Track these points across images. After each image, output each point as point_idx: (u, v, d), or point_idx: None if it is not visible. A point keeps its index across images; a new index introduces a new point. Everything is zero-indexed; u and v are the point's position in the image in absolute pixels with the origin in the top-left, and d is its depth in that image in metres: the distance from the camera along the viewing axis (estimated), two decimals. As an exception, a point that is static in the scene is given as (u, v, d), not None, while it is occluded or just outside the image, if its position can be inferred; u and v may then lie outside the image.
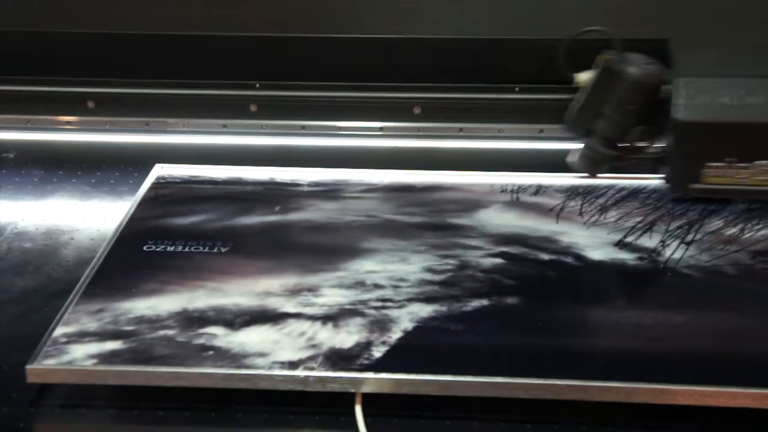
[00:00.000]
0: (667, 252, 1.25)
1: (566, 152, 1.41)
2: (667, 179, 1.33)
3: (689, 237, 1.27)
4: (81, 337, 1.12)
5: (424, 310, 1.15)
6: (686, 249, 1.25)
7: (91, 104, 1.49)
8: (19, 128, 1.53)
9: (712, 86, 1.28)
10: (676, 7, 1.52)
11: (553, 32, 1.40)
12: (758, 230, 1.28)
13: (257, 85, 1.47)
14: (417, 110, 1.46)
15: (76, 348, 1.10)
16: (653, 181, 1.38)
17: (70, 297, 1.18)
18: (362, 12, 1.60)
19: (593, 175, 1.38)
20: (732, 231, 1.28)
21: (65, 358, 1.09)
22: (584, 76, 1.35)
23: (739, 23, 1.48)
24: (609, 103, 1.33)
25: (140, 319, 1.14)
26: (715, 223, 1.29)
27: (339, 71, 1.48)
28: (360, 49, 1.44)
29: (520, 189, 1.38)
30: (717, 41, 1.39)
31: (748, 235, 1.27)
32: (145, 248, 1.27)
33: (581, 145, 1.37)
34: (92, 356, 1.09)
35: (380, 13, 1.60)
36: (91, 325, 1.13)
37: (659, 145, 1.33)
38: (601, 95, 1.34)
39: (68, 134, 1.52)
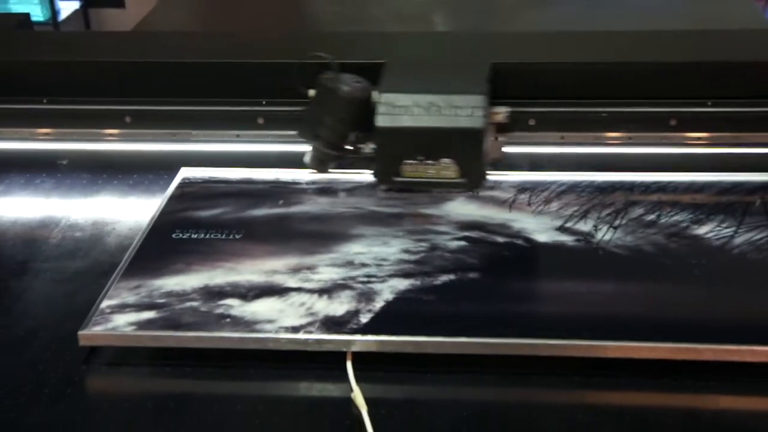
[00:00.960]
0: (599, 234, 1.24)
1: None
2: (375, 174, 1.35)
3: (616, 222, 1.26)
4: (122, 308, 1.12)
5: (402, 284, 1.15)
6: (614, 232, 1.25)
7: (128, 119, 1.48)
8: (71, 139, 1.51)
9: (406, 99, 1.30)
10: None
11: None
12: (671, 216, 1.27)
13: (264, 102, 1.47)
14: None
15: (119, 317, 1.10)
16: (588, 177, 1.37)
17: (113, 276, 1.18)
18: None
19: (323, 171, 1.39)
20: (651, 217, 1.27)
21: (110, 325, 1.09)
22: (312, 92, 1.37)
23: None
24: (327, 113, 1.35)
25: (170, 294, 1.14)
26: (637, 211, 1.29)
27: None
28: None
29: None
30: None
31: (663, 221, 1.26)
32: (173, 236, 1.26)
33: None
34: (131, 324, 1.09)
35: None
36: (131, 298, 1.13)
37: (372, 146, 1.34)
38: (321, 107, 1.35)
39: (110, 144, 1.51)
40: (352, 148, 1.37)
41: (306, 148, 1.39)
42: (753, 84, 1.41)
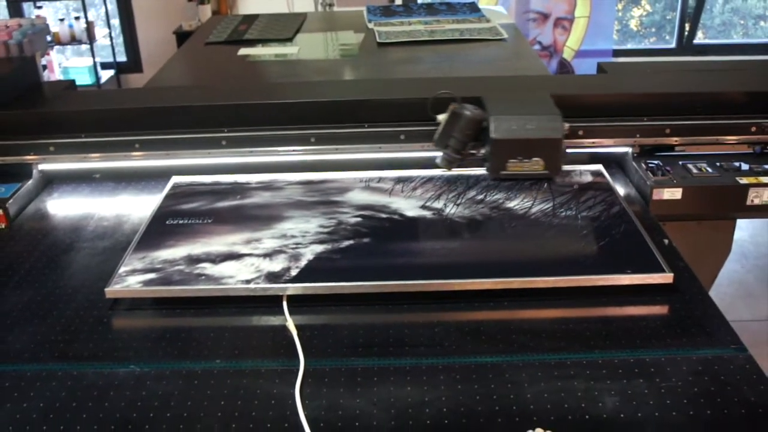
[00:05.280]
0: (447, 209, 1.26)
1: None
2: (487, 169, 1.34)
3: (459, 201, 1.29)
4: (133, 272, 1.12)
5: (319, 248, 1.16)
6: (457, 207, 1.26)
7: (137, 145, 1.44)
8: (100, 160, 1.47)
9: (513, 119, 1.29)
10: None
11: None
12: (493, 196, 1.30)
13: (225, 130, 1.41)
14: (313, 139, 1.42)
15: (131, 278, 1.11)
16: (438, 172, 1.37)
17: (127, 251, 1.18)
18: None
19: (450, 170, 1.36)
20: (480, 197, 1.29)
21: (125, 284, 1.10)
22: (441, 117, 1.34)
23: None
24: (455, 130, 1.32)
25: (165, 261, 1.15)
26: (472, 193, 1.30)
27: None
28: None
29: (369, 180, 1.37)
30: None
31: (488, 199, 1.29)
32: (167, 222, 1.26)
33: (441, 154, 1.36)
34: (140, 282, 1.10)
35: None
36: (139, 265, 1.14)
37: (484, 151, 1.33)
38: (451, 126, 1.32)
39: (126, 162, 1.47)
40: (471, 152, 1.34)
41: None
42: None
